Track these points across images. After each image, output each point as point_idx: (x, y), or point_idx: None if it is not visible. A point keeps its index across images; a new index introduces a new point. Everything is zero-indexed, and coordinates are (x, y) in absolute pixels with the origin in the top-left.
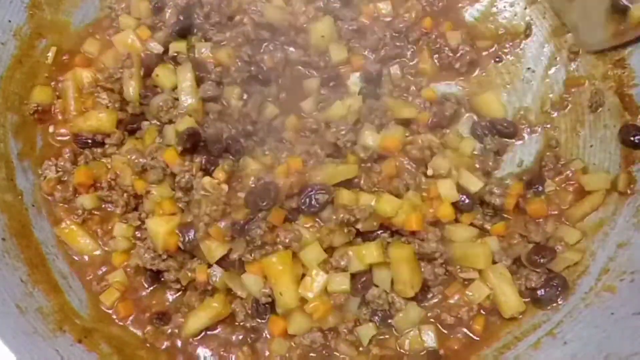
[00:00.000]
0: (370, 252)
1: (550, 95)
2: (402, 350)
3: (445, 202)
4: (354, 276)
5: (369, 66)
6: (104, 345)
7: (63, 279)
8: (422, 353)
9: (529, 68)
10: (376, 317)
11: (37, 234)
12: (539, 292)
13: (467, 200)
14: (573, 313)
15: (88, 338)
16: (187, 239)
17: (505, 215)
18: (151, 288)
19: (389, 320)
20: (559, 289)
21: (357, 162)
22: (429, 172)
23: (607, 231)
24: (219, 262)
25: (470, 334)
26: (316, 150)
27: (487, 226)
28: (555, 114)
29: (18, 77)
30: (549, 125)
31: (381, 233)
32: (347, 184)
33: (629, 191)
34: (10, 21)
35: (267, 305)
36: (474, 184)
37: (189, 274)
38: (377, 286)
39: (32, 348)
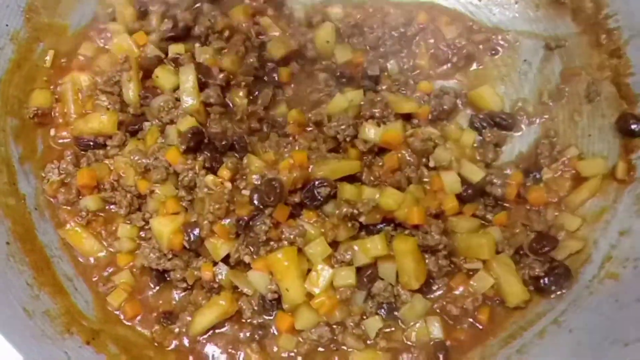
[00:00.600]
0: (375, 245)
1: (547, 87)
2: (408, 342)
3: (450, 195)
4: (359, 270)
5: (368, 64)
6: (112, 346)
7: (68, 281)
8: (429, 344)
9: (525, 60)
10: (382, 310)
11: (40, 237)
12: (542, 281)
13: (469, 191)
14: (577, 301)
15: (96, 339)
16: (192, 237)
17: (506, 205)
18: (158, 288)
19: (395, 313)
20: (562, 277)
21: (358, 156)
22: (431, 163)
23: (609, 219)
24: (225, 260)
25: (476, 324)
26: (318, 146)
27: (489, 216)
28: (553, 105)
29: (17, 81)
30: (546, 116)
31: (385, 226)
32: (349, 178)
33: (627, 178)
34: (7, 25)
35: (273, 302)
36: (476, 173)
37: (195, 273)
38: (382, 279)
39: (41, 351)
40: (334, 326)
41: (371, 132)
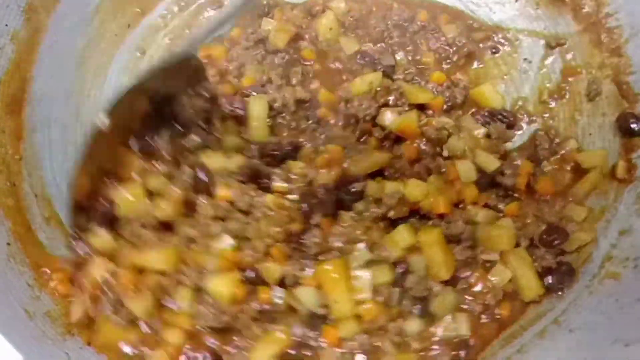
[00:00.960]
0: (402, 236)
1: (548, 85)
2: (435, 338)
3: (470, 184)
4: (392, 267)
5: (380, 55)
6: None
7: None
8: (453, 341)
9: (525, 58)
10: (417, 307)
11: (41, 238)
12: (547, 280)
13: (483, 180)
14: (577, 301)
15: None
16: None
17: (516, 196)
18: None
19: (429, 309)
20: (567, 275)
21: (377, 145)
22: (445, 153)
23: (609, 218)
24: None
25: (497, 319)
26: (348, 134)
27: (501, 206)
28: (553, 104)
29: (17, 81)
30: (547, 115)
31: (410, 218)
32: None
33: (627, 177)
34: (7, 25)
35: (320, 316)
36: (491, 163)
37: (256, 306)
38: (414, 272)
39: (42, 352)
40: (373, 331)
41: (389, 118)
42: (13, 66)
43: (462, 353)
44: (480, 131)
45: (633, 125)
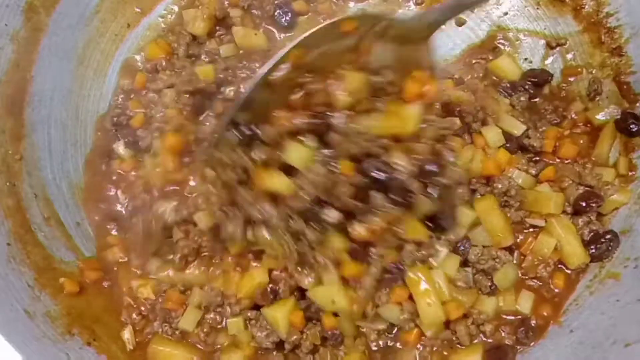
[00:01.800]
0: (465, 214)
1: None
2: (504, 316)
3: (499, 149)
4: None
5: None
6: (113, 346)
7: None
8: (518, 318)
9: (526, 58)
10: (490, 282)
11: (41, 238)
12: (591, 249)
13: (510, 144)
14: (578, 301)
15: (97, 340)
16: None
17: (546, 160)
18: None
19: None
20: (611, 242)
21: None
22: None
23: (609, 218)
24: None
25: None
26: None
27: (532, 171)
28: None
29: (17, 81)
30: None
31: None
32: None
33: (629, 173)
34: (7, 25)
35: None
36: (517, 127)
37: (317, 332)
38: (475, 246)
39: (42, 352)
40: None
41: None
42: (13, 66)
43: (524, 334)
44: (504, 102)
45: (632, 126)
